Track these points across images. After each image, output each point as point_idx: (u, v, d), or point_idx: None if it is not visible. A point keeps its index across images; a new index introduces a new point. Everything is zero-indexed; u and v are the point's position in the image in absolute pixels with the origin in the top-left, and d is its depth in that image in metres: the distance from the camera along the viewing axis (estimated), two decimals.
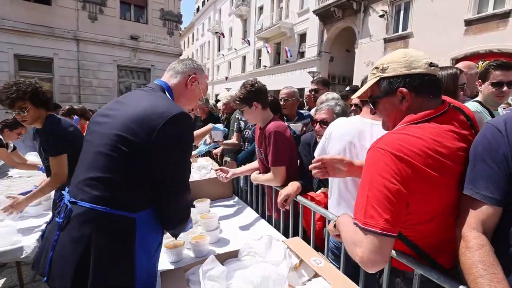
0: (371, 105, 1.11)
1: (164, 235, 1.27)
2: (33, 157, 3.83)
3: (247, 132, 3.24)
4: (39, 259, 1.10)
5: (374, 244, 0.85)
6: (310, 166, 1.38)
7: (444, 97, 1.04)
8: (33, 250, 1.81)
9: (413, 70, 0.97)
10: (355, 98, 1.78)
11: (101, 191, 1.01)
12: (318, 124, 1.94)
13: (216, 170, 2.31)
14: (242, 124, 3.29)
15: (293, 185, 1.89)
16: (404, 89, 0.97)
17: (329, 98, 2.43)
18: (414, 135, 0.91)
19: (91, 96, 11.72)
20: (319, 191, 1.91)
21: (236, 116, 3.45)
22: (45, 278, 1.02)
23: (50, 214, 2.30)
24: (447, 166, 0.89)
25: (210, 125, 2.97)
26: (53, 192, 2.16)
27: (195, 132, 2.86)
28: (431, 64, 0.99)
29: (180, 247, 1.57)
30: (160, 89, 1.23)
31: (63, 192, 1.12)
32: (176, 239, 1.36)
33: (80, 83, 11.53)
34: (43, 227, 2.07)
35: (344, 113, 1.96)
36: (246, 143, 3.27)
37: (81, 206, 1.00)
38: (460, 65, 2.31)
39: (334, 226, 1.13)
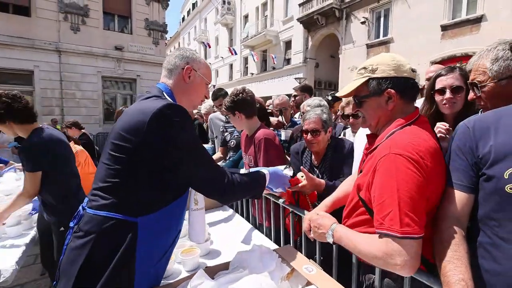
0: (355, 102, 1.16)
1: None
2: None
3: (232, 142, 3.24)
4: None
5: (413, 249, 0.87)
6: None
7: None
8: (11, 274, 1.70)
9: (400, 73, 1.05)
10: (345, 109, 1.82)
11: (104, 198, 1.04)
12: (309, 134, 1.90)
13: None
14: (228, 136, 3.29)
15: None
16: (392, 90, 1.04)
17: (310, 104, 2.48)
18: (418, 137, 0.98)
19: (74, 108, 11.46)
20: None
21: (221, 130, 3.44)
22: (55, 282, 1.07)
23: (31, 233, 2.20)
24: (441, 163, 0.99)
25: None
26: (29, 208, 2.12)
27: None
28: (413, 70, 1.07)
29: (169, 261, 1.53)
30: (158, 92, 1.19)
31: (87, 197, 1.14)
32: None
33: (62, 95, 11.25)
34: (23, 248, 1.98)
35: (331, 120, 1.97)
36: (231, 152, 3.27)
37: (88, 213, 1.05)
38: (432, 68, 2.41)
39: (333, 243, 1.13)
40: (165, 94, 1.19)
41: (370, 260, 0.98)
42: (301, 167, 1.74)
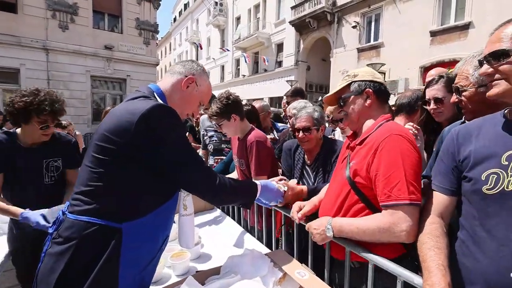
0: (340, 103, 1.34)
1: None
2: None
3: (210, 147, 3.23)
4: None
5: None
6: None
7: None
8: None
9: (375, 78, 1.30)
10: (334, 113, 2.08)
11: (86, 203, 0.99)
12: (301, 131, 1.91)
13: None
14: (207, 140, 3.27)
15: None
16: (370, 90, 1.27)
17: (296, 106, 2.48)
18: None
19: None
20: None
21: (202, 133, 3.40)
22: None
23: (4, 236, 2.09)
24: None
25: None
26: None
27: None
28: (384, 80, 1.37)
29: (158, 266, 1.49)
30: (148, 93, 1.15)
31: (68, 201, 1.08)
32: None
33: None
34: (5, 252, 1.89)
35: (323, 118, 1.97)
36: (210, 157, 3.25)
37: (69, 219, 0.99)
38: (433, 71, 2.42)
39: (334, 236, 1.20)
40: (156, 95, 1.15)
41: (375, 236, 1.08)
42: (280, 179, 1.69)
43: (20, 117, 1.68)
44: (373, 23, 13.97)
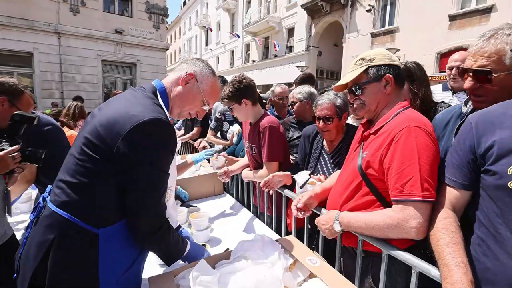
0: (355, 91, 1.23)
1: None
2: None
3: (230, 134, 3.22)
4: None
5: (427, 212, 0.99)
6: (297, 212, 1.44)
7: None
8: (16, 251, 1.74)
9: (393, 61, 1.21)
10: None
11: (67, 196, 0.96)
12: (321, 121, 1.77)
13: (222, 174, 2.21)
14: (226, 126, 3.26)
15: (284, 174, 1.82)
16: (390, 75, 1.18)
17: (300, 91, 2.39)
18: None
19: (74, 92, 11.29)
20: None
21: (218, 116, 3.38)
22: (15, 275, 1.02)
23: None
24: None
25: (189, 160, 2.25)
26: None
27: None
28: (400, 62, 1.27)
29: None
30: (151, 89, 1.12)
31: (50, 186, 1.08)
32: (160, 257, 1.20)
33: (62, 78, 11.11)
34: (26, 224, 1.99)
35: (346, 105, 1.79)
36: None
37: (49, 208, 0.98)
38: (457, 56, 2.28)
39: (342, 231, 1.18)
40: (158, 93, 1.13)
41: (384, 232, 1.05)
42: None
43: None
44: (388, 7, 13.37)
